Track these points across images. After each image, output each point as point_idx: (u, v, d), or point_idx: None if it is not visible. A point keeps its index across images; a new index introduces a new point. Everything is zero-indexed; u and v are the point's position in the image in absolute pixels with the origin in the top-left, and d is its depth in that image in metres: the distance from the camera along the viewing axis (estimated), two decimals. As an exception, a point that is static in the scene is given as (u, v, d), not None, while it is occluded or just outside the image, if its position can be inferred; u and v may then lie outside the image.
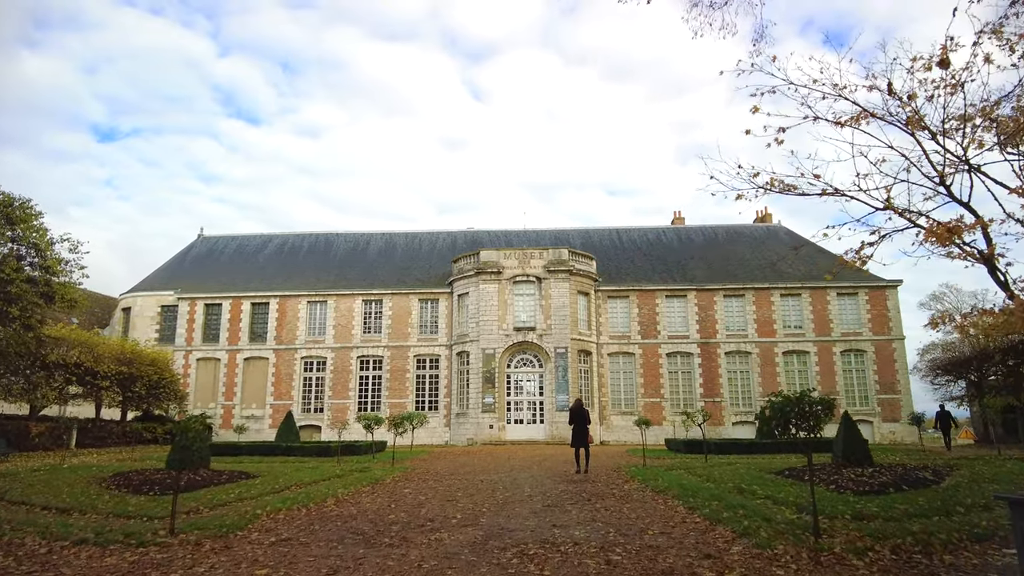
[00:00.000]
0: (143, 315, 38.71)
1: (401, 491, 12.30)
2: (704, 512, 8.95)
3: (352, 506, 10.28)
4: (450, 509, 9.87)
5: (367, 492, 12.16)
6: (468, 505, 10.26)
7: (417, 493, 11.99)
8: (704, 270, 37.37)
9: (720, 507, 9.24)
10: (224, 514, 9.20)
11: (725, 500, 10.00)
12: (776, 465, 17.44)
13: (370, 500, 11.03)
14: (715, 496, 10.48)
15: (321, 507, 10.13)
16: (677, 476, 14.15)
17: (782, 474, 14.83)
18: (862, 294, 35.87)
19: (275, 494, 12.19)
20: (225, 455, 23.67)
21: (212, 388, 37.21)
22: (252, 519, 8.75)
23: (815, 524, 7.07)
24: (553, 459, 21.70)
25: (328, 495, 11.39)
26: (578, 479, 14.46)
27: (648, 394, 35.14)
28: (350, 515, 9.37)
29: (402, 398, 35.62)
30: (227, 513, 9.24)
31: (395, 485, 13.40)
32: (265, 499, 11.34)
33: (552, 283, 34.41)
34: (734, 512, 8.80)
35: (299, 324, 36.94)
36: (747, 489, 11.77)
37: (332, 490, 12.05)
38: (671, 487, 11.73)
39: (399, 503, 10.64)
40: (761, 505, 9.83)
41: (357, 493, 11.99)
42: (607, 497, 11.11)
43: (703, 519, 8.59)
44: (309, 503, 10.34)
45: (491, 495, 11.53)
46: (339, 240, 41.05)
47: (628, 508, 9.77)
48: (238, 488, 12.81)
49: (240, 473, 16.04)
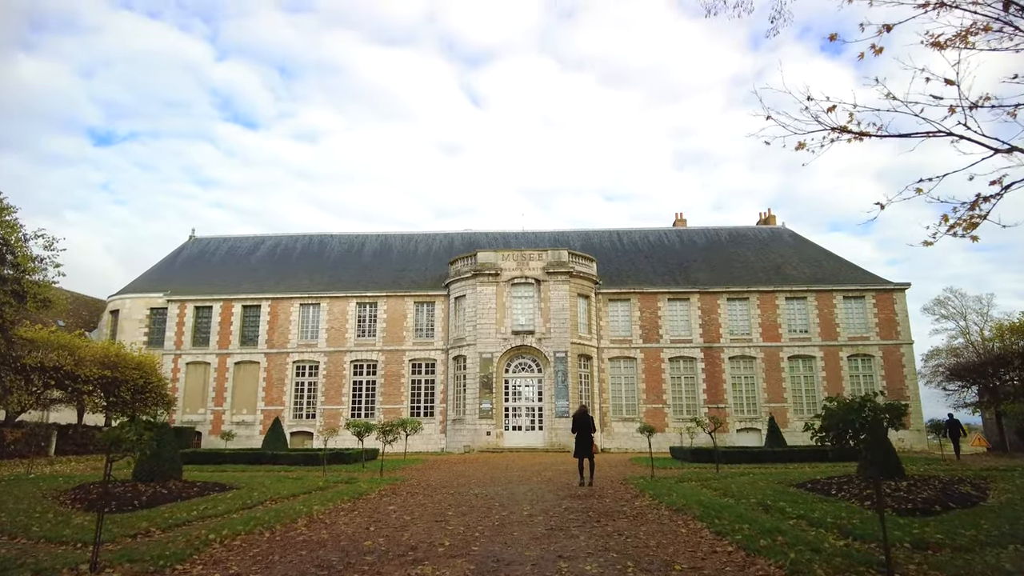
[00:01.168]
0: (131, 318, 37.18)
1: (385, 508, 10.81)
2: (736, 539, 7.49)
3: (325, 528, 8.80)
4: (437, 533, 8.40)
5: (346, 509, 10.67)
6: (459, 528, 8.79)
7: (402, 511, 10.51)
8: (707, 272, 35.98)
9: (753, 532, 7.78)
10: (173, 539, 7.73)
11: (755, 522, 8.54)
12: (794, 476, 15.99)
13: (347, 520, 9.54)
14: (741, 517, 9.02)
15: (289, 529, 8.65)
16: (692, 491, 12.69)
17: (804, 487, 13.40)
18: (869, 298, 34.50)
19: (244, 511, 10.72)
20: (208, 463, 22.21)
21: (202, 393, 35.68)
22: (202, 547, 7.28)
23: (887, 561, 5.62)
24: (553, 468, 20.20)
25: (301, 513, 9.91)
26: (583, 493, 12.98)
27: (650, 400, 33.66)
28: (319, 541, 7.89)
29: (397, 404, 34.12)
30: (176, 538, 7.77)
31: (379, 500, 11.91)
32: (232, 517, 9.88)
33: (551, 285, 32.99)
34: (771, 539, 7.34)
35: (291, 327, 35.46)
36: (773, 506, 10.33)
37: (308, 507, 10.57)
38: (689, 505, 10.26)
39: (380, 524, 9.16)
40: (797, 528, 8.38)
41: (335, 511, 10.50)
42: (618, 517, 9.64)
43: (736, 547, 7.13)
44: (276, 524, 8.86)
45: (486, 514, 10.06)
46: (333, 242, 39.60)
47: (645, 532, 8.31)
48: (205, 504, 11.33)
49: (215, 485, 14.56)
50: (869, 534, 7.59)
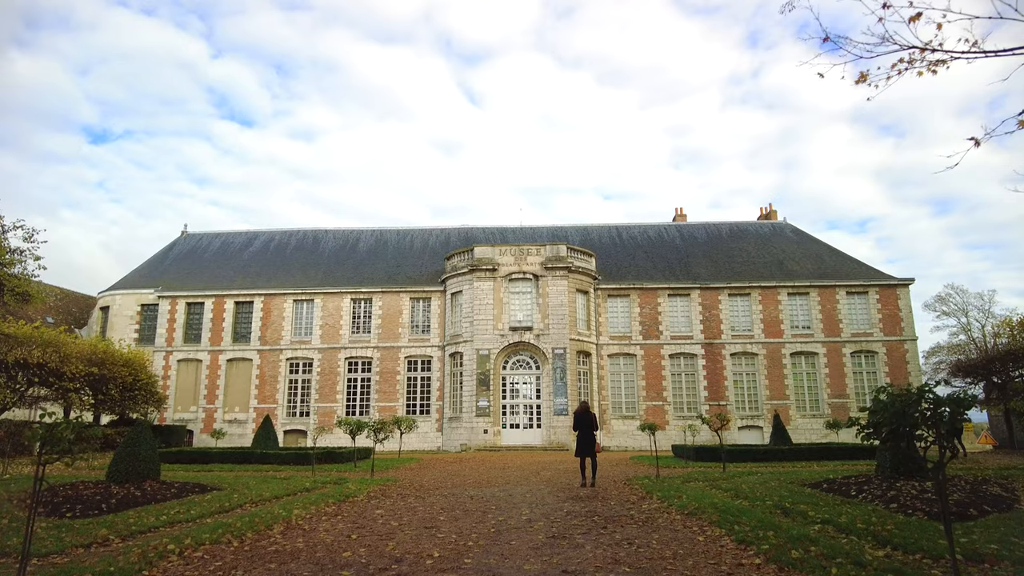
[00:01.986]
0: (122, 314, 36.14)
1: (371, 513, 9.87)
2: (762, 549, 6.57)
3: (302, 536, 7.85)
4: (426, 542, 7.46)
5: (329, 514, 9.73)
6: (450, 535, 7.85)
7: (390, 516, 9.57)
8: (708, 268, 35.07)
9: (781, 541, 6.85)
10: (128, 550, 6.78)
11: (779, 528, 7.61)
12: (805, 475, 15.07)
13: (328, 527, 8.60)
14: (763, 522, 8.09)
15: (261, 538, 7.70)
16: (702, 492, 11.76)
17: (820, 487, 12.48)
18: (872, 293, 33.63)
19: (219, 515, 9.79)
20: (195, 463, 21.27)
21: (193, 391, 34.67)
22: (156, 560, 6.33)
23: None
24: (552, 468, 19.27)
25: (279, 519, 8.96)
26: (585, 494, 12.06)
27: (650, 397, 32.74)
28: (293, 551, 6.95)
29: (392, 401, 33.14)
30: (132, 549, 6.82)
31: (367, 504, 10.97)
32: (204, 523, 8.95)
33: (550, 281, 32.06)
34: (803, 550, 6.42)
35: (284, 324, 34.47)
36: (793, 509, 9.42)
37: (288, 511, 9.62)
38: (703, 508, 9.34)
39: (364, 532, 8.22)
40: (824, 534, 7.47)
41: (317, 516, 9.56)
42: (626, 522, 8.71)
43: (764, 559, 6.21)
44: (248, 532, 7.91)
45: (481, 519, 9.12)
46: (327, 237, 38.58)
47: (658, 541, 7.38)
48: (179, 507, 10.40)
49: (195, 486, 13.61)
50: (912, 543, 6.68)
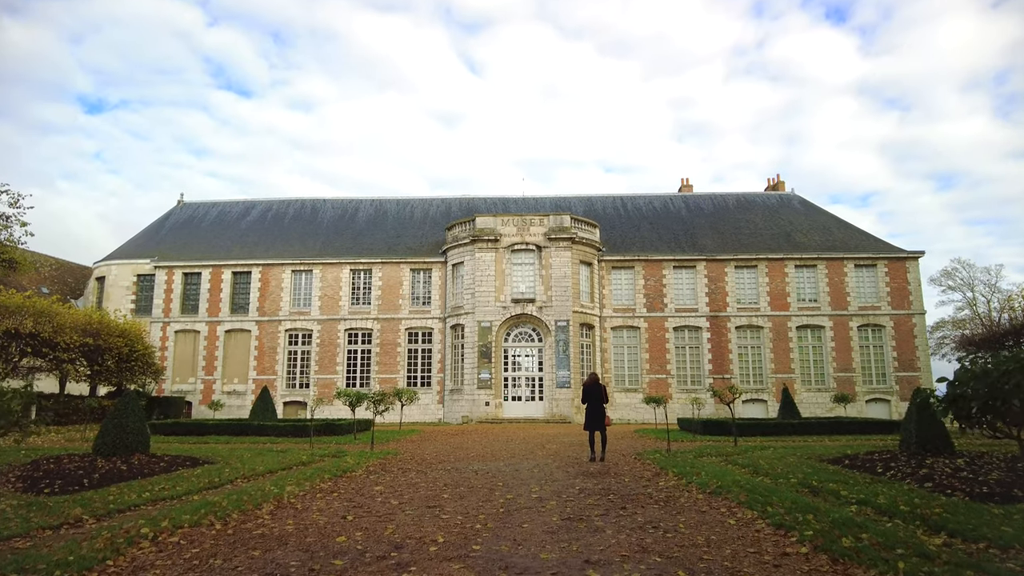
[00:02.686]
0: (118, 284, 35.32)
1: (370, 490, 9.14)
2: (805, 535, 5.81)
3: (293, 517, 7.11)
4: (429, 524, 6.71)
5: (325, 491, 8.99)
6: (456, 517, 7.10)
7: (390, 493, 8.84)
8: (714, 239, 34.15)
9: (824, 526, 6.08)
10: (98, 532, 6.03)
11: (816, 511, 6.86)
12: (820, 450, 14.37)
13: (323, 505, 7.86)
14: (797, 504, 7.33)
15: (248, 519, 6.96)
16: (718, 467, 11.05)
17: (841, 464, 11.77)
18: (881, 266, 32.77)
19: (207, 491, 9.07)
20: (191, 435, 20.67)
21: (191, 362, 34.02)
22: (125, 546, 5.57)
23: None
24: (557, 440, 18.63)
25: (270, 496, 8.22)
26: (595, 470, 11.35)
27: (654, 370, 32.11)
28: (281, 535, 6.20)
29: (393, 373, 32.51)
30: (101, 532, 6.06)
31: (365, 479, 10.24)
32: (190, 500, 8.23)
33: (553, 252, 31.15)
34: (854, 537, 5.65)
35: (283, 295, 33.66)
36: (822, 487, 8.68)
37: (280, 488, 8.89)
38: (727, 486, 8.59)
39: (361, 511, 7.47)
40: (865, 517, 6.73)
41: (311, 493, 8.82)
42: (646, 502, 7.97)
43: (812, 548, 5.45)
44: (234, 512, 7.16)
45: (488, 497, 8.38)
46: (326, 207, 37.55)
47: (685, 524, 6.63)
48: (164, 483, 9.67)
49: (186, 459, 12.93)
50: (970, 529, 5.91)
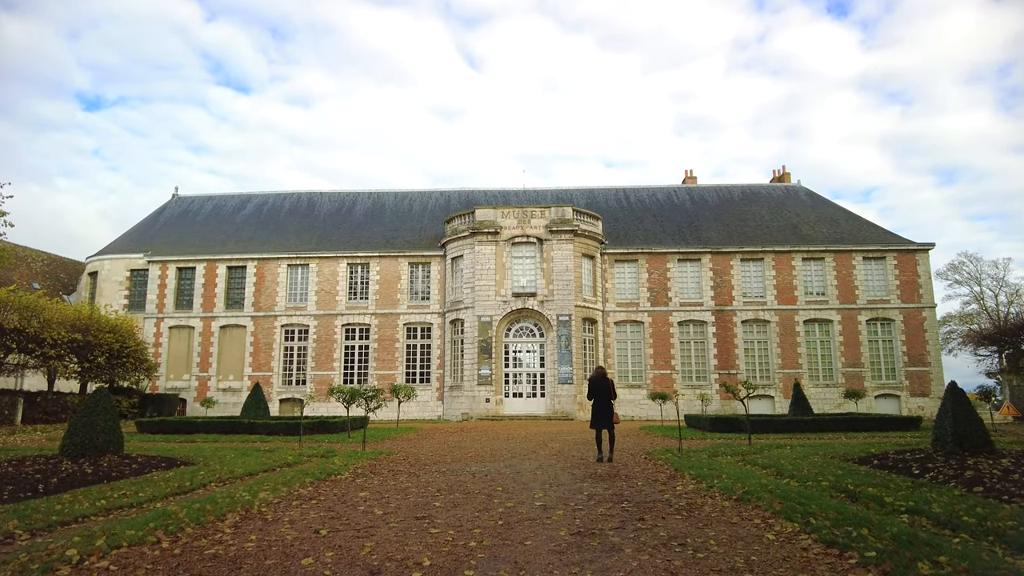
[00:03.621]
0: (111, 280, 34.30)
1: (354, 496, 8.08)
2: (867, 556, 4.75)
3: (259, 531, 6.06)
4: (415, 541, 5.66)
5: (303, 498, 7.94)
6: (447, 530, 6.05)
7: (375, 500, 7.79)
8: (719, 232, 33.05)
9: (889, 546, 5.03)
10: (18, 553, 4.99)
11: (873, 525, 5.81)
12: (842, 449, 13.28)
13: (296, 516, 6.80)
14: (843, 515, 6.27)
15: (205, 533, 5.91)
16: (741, 470, 10.00)
17: (870, 464, 10.73)
18: (890, 258, 31.68)
19: (174, 497, 8.04)
20: (179, 433, 19.65)
21: (186, 358, 33.00)
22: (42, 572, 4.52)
23: None
24: (560, 438, 17.59)
25: (239, 504, 7.17)
26: (604, 472, 10.30)
27: (658, 366, 31.05)
28: (237, 556, 5.15)
29: (391, 370, 31.47)
30: (19, 553, 5.02)
31: (351, 483, 9.19)
32: (147, 510, 7.20)
33: (554, 244, 30.08)
34: (930, 560, 4.60)
35: (279, 289, 32.61)
36: (859, 493, 7.63)
37: (253, 494, 7.84)
38: (754, 491, 7.54)
39: (339, 523, 6.43)
40: (920, 528, 5.70)
41: (287, 500, 7.77)
42: (665, 510, 6.92)
43: (879, 574, 4.41)
44: (190, 525, 6.11)
45: (485, 506, 7.33)
46: (323, 200, 36.48)
47: (716, 539, 5.58)
48: (127, 488, 8.62)
49: (162, 460, 11.90)
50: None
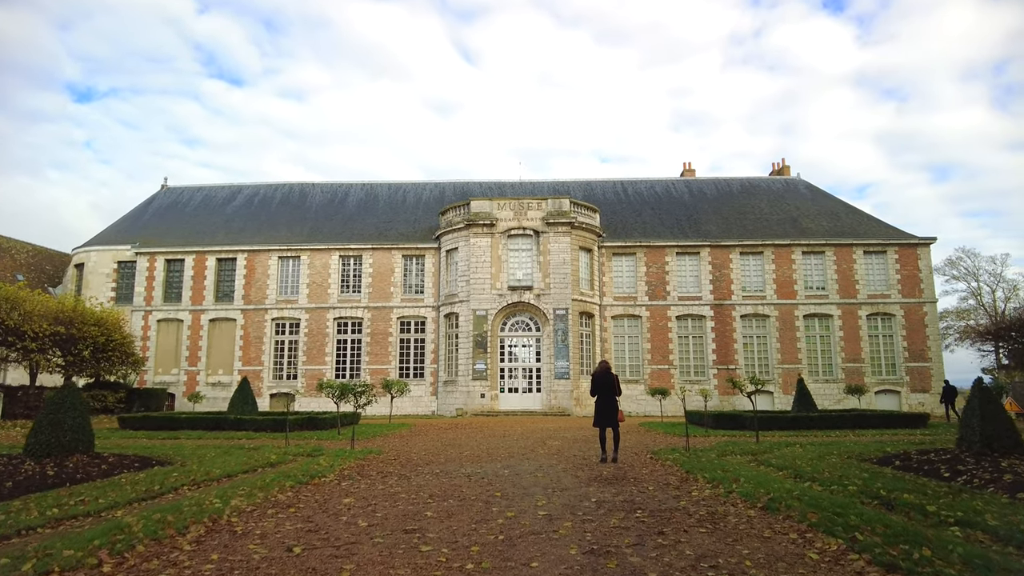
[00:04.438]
0: (97, 272, 33.25)
1: (337, 503, 7.25)
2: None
3: (222, 548, 5.22)
4: (403, 561, 4.83)
5: (280, 505, 7.10)
6: (440, 547, 5.23)
7: (360, 509, 6.96)
8: (718, 225, 32.30)
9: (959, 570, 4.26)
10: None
11: (931, 543, 5.03)
12: (857, 447, 12.52)
13: (269, 528, 5.97)
14: (893, 529, 5.49)
15: (159, 551, 5.07)
16: (758, 473, 9.21)
17: (891, 464, 9.99)
18: (891, 252, 31.02)
19: (138, 504, 7.19)
20: (163, 429, 18.77)
21: (175, 352, 32.02)
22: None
23: None
24: (558, 435, 16.81)
25: (207, 514, 6.33)
26: (610, 474, 9.51)
27: (656, 361, 30.31)
28: (191, 584, 4.31)
29: (384, 364, 30.60)
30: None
31: (335, 488, 8.36)
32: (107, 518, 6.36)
33: (551, 237, 29.25)
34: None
35: (269, 282, 31.66)
36: (893, 499, 6.85)
37: (225, 501, 7.00)
38: (781, 499, 6.75)
39: (316, 539, 5.59)
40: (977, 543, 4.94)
41: (261, 508, 6.92)
42: (685, 521, 6.12)
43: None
44: (143, 542, 5.26)
45: (483, 515, 6.52)
46: (315, 191, 35.50)
47: (751, 558, 4.79)
48: (89, 493, 7.75)
49: (135, 460, 11.06)
50: None
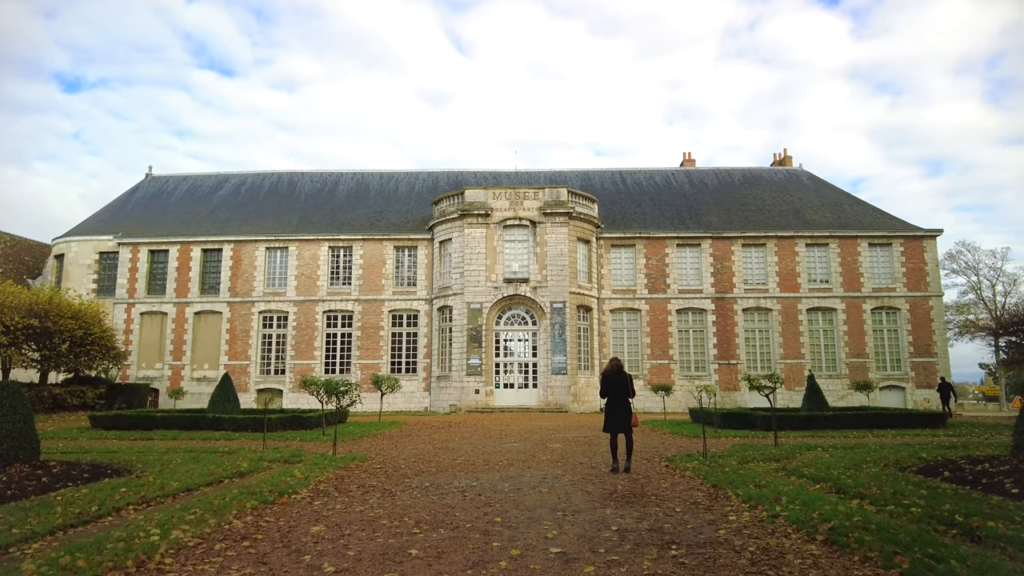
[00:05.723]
0: (78, 263, 31.64)
1: (303, 535, 5.89)
2: None
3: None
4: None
5: (234, 536, 5.72)
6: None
7: (330, 543, 5.60)
8: (720, 216, 31.03)
9: None
10: None
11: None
12: (887, 451, 11.23)
13: (208, 571, 4.61)
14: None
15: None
16: (793, 486, 7.89)
17: (937, 475, 8.70)
18: (896, 245, 29.86)
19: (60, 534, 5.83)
20: (136, 428, 17.38)
21: (158, 346, 30.51)
22: None
23: None
24: (559, 436, 15.50)
25: (132, 554, 4.95)
26: (625, 489, 8.19)
27: (656, 355, 29.08)
28: None
29: (375, 359, 29.22)
30: None
31: (307, 508, 6.99)
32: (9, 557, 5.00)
33: (548, 228, 27.88)
34: None
35: (256, 274, 30.17)
36: (975, 527, 5.58)
37: (166, 532, 5.62)
38: (846, 529, 5.43)
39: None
40: None
41: (209, 541, 5.55)
42: (738, 563, 4.79)
43: None
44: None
45: (482, 551, 5.18)
46: (304, 180, 33.95)
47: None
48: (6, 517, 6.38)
49: (86, 469, 9.71)
50: None
